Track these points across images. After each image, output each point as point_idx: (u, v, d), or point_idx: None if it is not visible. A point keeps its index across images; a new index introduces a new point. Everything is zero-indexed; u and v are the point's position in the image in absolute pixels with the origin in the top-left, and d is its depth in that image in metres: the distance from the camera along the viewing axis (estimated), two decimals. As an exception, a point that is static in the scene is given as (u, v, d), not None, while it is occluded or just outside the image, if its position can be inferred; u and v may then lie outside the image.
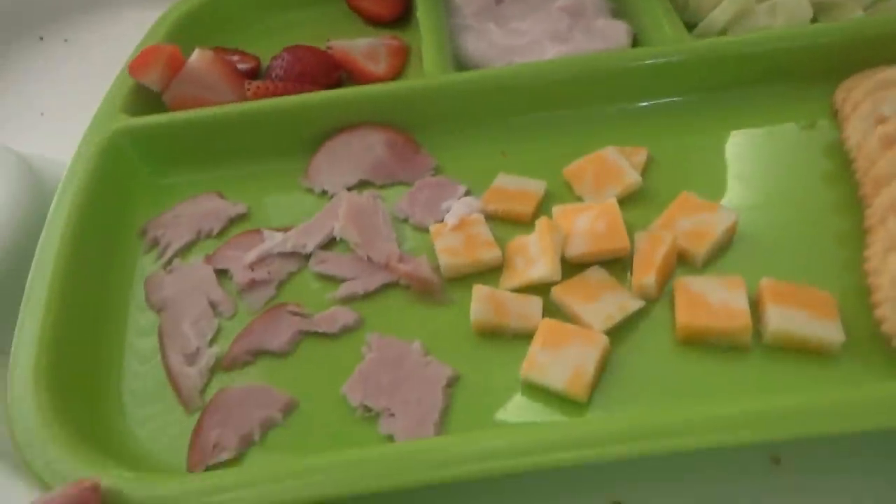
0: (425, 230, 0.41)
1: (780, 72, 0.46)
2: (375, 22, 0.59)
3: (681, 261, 0.38)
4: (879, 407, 0.28)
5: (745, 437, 0.28)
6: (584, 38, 0.50)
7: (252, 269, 0.40)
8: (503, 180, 0.43)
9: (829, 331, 0.32)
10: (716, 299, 0.34)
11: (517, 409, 0.33)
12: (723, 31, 0.48)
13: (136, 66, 0.49)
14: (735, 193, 0.41)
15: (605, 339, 0.33)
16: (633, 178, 0.41)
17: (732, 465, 0.31)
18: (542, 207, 0.41)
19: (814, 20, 0.49)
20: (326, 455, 0.30)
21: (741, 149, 0.44)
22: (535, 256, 0.37)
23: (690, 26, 0.49)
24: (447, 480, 0.28)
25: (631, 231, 0.38)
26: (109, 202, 0.44)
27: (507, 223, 0.41)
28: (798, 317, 0.32)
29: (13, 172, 0.46)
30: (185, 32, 0.57)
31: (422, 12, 0.53)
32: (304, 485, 0.28)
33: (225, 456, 0.33)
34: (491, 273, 0.39)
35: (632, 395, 0.33)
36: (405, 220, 0.43)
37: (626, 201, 0.41)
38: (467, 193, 0.43)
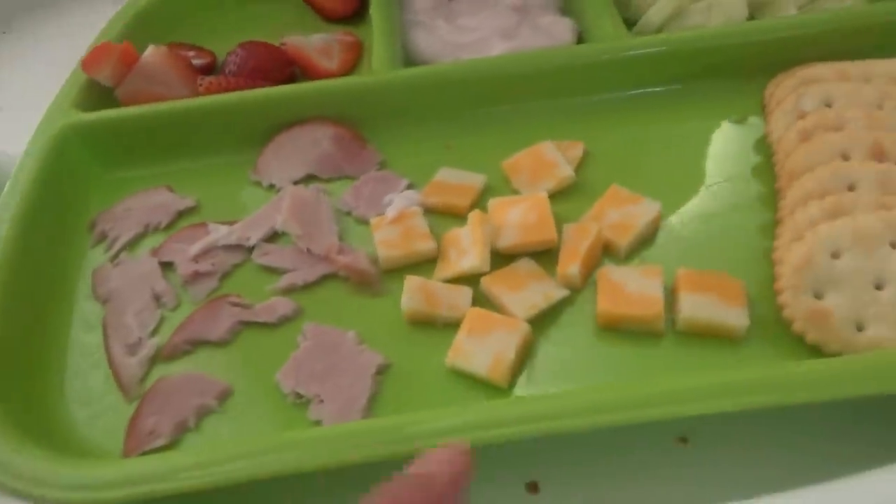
0: (367, 223, 0.42)
1: (715, 68, 0.47)
2: (331, 18, 0.60)
3: (607, 251, 0.39)
4: (778, 385, 0.30)
5: (652, 414, 0.30)
6: (530, 35, 0.51)
7: (196, 262, 0.42)
8: (444, 174, 0.44)
9: (735, 317, 0.34)
10: (633, 288, 0.35)
11: (443, 395, 0.35)
12: (660, 30, 0.49)
13: (89, 62, 0.50)
14: (665, 186, 0.42)
15: (526, 327, 0.35)
16: (566, 172, 0.42)
17: (644, 445, 0.33)
18: (482, 200, 0.43)
19: (751, 19, 0.50)
20: (247, 440, 0.31)
21: (675, 143, 0.45)
22: (466, 248, 0.39)
23: (633, 24, 0.51)
24: (362, 461, 0.29)
25: (563, 223, 0.39)
26: (59, 196, 0.45)
27: (446, 216, 0.42)
28: (708, 304, 0.34)
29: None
30: (141, 28, 0.58)
31: (374, 8, 0.54)
32: (218, 470, 0.29)
33: (160, 442, 0.34)
34: (428, 264, 0.40)
35: (552, 380, 0.34)
36: (349, 214, 0.44)
37: (560, 195, 0.42)
38: (410, 187, 0.45)
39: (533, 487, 0.32)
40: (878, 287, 0.32)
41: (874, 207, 0.34)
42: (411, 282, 0.37)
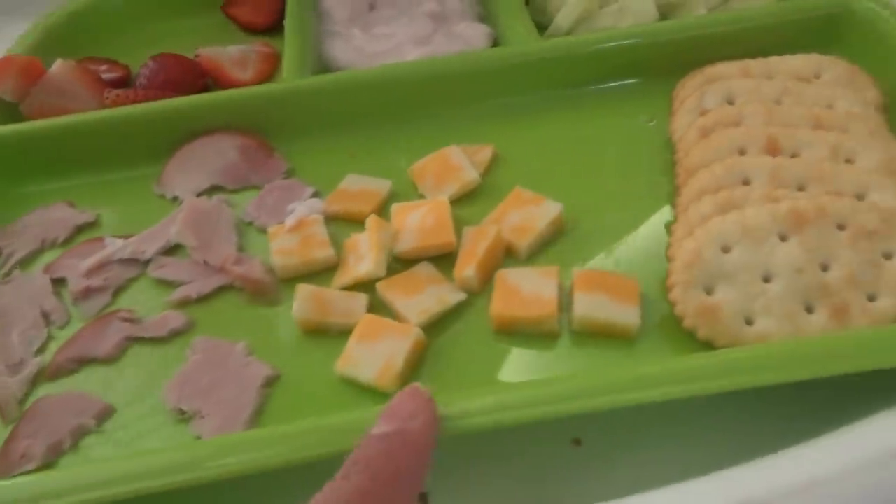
0: (270, 233, 0.41)
1: (625, 69, 0.47)
2: (252, 30, 0.59)
3: (509, 253, 0.38)
4: (668, 380, 0.29)
5: (544, 413, 0.29)
6: (444, 42, 0.51)
7: (88, 277, 0.40)
8: (351, 181, 0.43)
9: (628, 315, 0.33)
10: (529, 289, 0.34)
11: (331, 404, 0.33)
12: (569, 33, 0.49)
13: (-11, 76, 0.49)
14: (572, 187, 0.42)
15: (417, 332, 0.34)
16: (471, 175, 0.42)
17: (538, 448, 0.32)
18: (387, 206, 0.42)
19: (663, 20, 0.50)
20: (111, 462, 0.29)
21: (584, 144, 0.45)
22: (363, 254, 0.37)
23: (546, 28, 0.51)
24: (232, 475, 0.28)
25: (466, 226, 0.39)
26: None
27: (352, 223, 0.41)
28: (601, 303, 0.33)
29: None
30: (54, 44, 0.57)
31: (288, 19, 0.54)
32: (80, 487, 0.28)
33: (31, 466, 0.32)
34: (330, 272, 0.39)
35: (446, 385, 0.33)
36: (251, 224, 0.43)
37: (465, 198, 0.42)
38: (316, 195, 0.44)
39: (422, 498, 0.31)
40: (766, 280, 0.32)
41: (765, 201, 0.34)
42: (302, 290, 0.36)
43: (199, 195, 0.44)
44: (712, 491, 0.26)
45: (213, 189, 0.45)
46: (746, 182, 0.36)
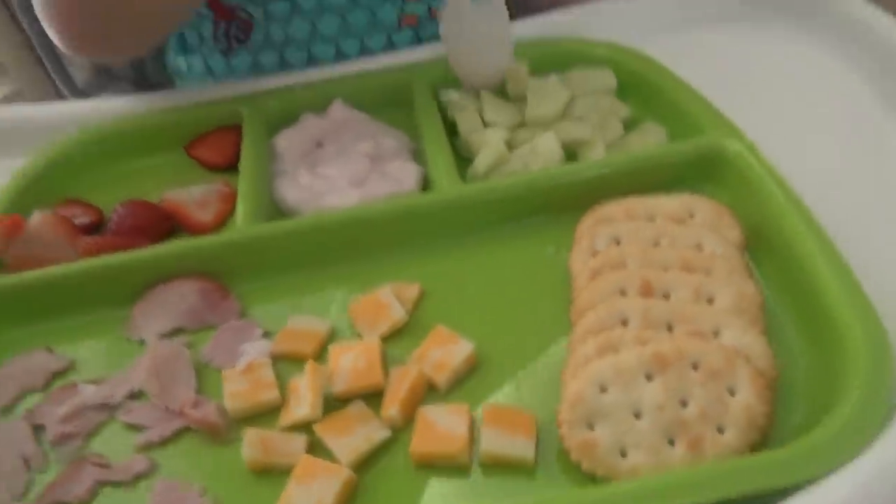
0: (225, 373, 0.47)
1: (535, 207, 0.54)
2: (211, 168, 0.66)
3: (431, 389, 0.44)
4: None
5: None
6: (378, 182, 0.58)
7: (63, 423, 0.45)
8: (295, 321, 0.49)
9: (525, 449, 0.39)
10: (443, 425, 0.40)
11: (273, 543, 0.38)
12: (486, 175, 0.56)
13: (-25, 236, 0.55)
14: (487, 321, 0.48)
15: (347, 473, 0.39)
16: (398, 314, 0.48)
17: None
18: (327, 345, 0.48)
19: (571, 158, 0.58)
20: None
21: (500, 278, 0.51)
22: (303, 396, 0.43)
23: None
24: None
25: (393, 364, 0.45)
26: (-62, 367, 0.49)
27: (295, 362, 0.47)
28: (501, 437, 0.39)
29: None
30: (32, 191, 0.63)
31: (243, 161, 0.60)
32: None
33: None
34: (276, 411, 0.45)
35: (373, 521, 0.39)
36: (207, 364, 0.48)
37: (395, 335, 0.48)
38: (265, 335, 0.50)
39: None
40: (637, 416, 0.38)
41: (637, 342, 0.40)
42: (250, 434, 0.42)
43: (163, 337, 0.50)
44: None
45: (176, 331, 0.51)
46: (625, 322, 0.42)
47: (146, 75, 0.90)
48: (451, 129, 0.61)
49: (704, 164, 0.54)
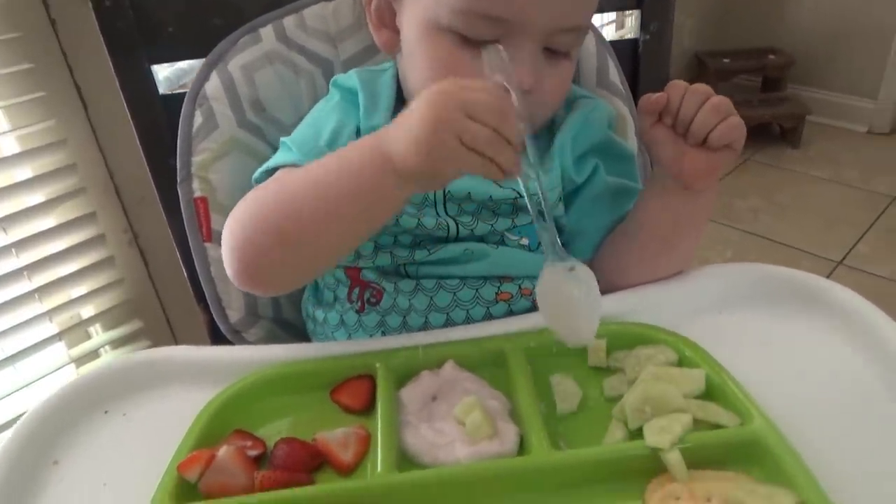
0: None
1: (610, 475, 0.69)
2: (350, 411, 0.84)
3: None
4: None
5: None
6: (486, 443, 0.74)
7: None
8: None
9: None
10: None
11: None
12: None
13: (184, 466, 0.73)
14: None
15: None
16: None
17: None
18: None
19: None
20: None
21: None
22: None
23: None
24: None
25: None
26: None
27: None
28: None
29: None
30: (217, 421, 0.82)
31: (381, 412, 0.78)
32: None
33: None
34: None
35: None
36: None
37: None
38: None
39: None
40: None
41: None
42: None
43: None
44: None
45: (328, 559, 0.66)
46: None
47: (283, 316, 1.13)
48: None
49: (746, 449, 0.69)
